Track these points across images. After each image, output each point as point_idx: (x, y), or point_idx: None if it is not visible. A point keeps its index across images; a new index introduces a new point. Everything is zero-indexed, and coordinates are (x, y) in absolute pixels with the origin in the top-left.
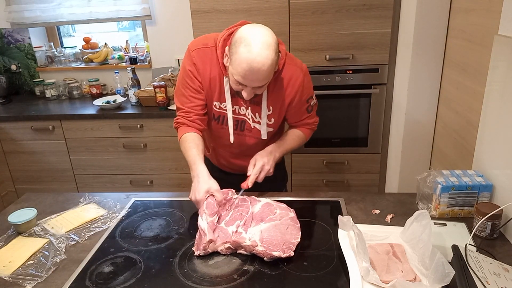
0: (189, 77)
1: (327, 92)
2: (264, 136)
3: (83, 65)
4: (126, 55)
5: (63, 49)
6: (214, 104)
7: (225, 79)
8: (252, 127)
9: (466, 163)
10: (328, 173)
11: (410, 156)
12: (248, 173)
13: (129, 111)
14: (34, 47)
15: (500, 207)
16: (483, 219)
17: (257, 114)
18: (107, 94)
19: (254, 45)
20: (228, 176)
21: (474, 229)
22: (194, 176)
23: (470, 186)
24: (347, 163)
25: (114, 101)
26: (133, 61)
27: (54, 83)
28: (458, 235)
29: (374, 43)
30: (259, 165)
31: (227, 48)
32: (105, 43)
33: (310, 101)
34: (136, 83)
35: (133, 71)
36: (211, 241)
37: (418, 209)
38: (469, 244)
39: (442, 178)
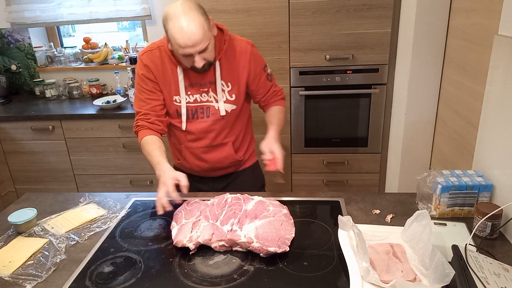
0: (143, 81)
1: (327, 92)
2: (222, 112)
3: (83, 65)
4: (126, 55)
5: (63, 49)
6: (174, 99)
7: (178, 70)
8: (217, 108)
9: (466, 163)
10: (328, 173)
11: (410, 156)
12: (266, 157)
13: (129, 111)
14: (34, 47)
15: (500, 207)
16: (483, 219)
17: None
18: (107, 94)
19: (177, 13)
20: (203, 185)
21: (474, 229)
22: (160, 174)
23: (470, 186)
24: (347, 163)
25: (114, 101)
26: (133, 61)
27: (54, 83)
28: (458, 235)
29: (374, 43)
30: (279, 151)
31: (165, 34)
32: (105, 43)
33: (266, 69)
34: None
35: (133, 71)
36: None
37: (418, 209)
38: (469, 244)
39: (442, 178)
